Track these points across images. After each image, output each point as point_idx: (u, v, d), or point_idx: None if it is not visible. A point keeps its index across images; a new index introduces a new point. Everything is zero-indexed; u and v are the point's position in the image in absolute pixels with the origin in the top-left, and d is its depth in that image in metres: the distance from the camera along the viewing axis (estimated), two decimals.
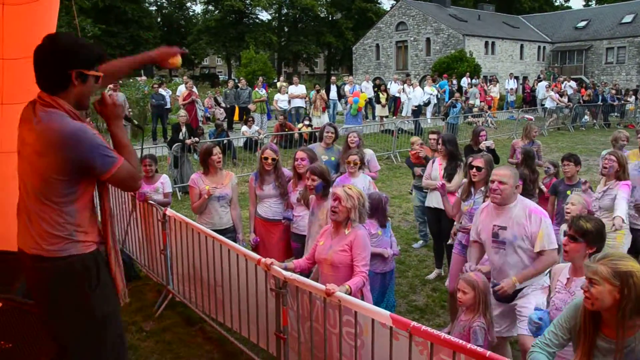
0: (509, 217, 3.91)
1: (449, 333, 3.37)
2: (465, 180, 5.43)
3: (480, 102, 22.61)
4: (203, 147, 5.55)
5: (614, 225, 5.04)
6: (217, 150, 5.46)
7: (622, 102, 25.11)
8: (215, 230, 4.98)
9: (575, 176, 6.05)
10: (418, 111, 20.10)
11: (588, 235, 3.21)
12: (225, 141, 12.95)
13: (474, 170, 5.00)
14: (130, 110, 16.09)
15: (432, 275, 6.69)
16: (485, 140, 7.65)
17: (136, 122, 3.19)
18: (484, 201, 4.88)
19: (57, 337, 2.76)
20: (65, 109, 2.54)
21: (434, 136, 7.46)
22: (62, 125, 2.48)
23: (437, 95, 21.82)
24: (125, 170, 2.65)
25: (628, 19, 42.22)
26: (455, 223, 5.45)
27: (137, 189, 2.92)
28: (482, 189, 5.03)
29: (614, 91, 25.76)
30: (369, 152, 6.97)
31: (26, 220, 2.62)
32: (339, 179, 5.88)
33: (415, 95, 20.47)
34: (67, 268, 2.60)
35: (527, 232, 3.83)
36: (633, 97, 25.85)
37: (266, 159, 5.48)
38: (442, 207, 6.12)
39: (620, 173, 5.44)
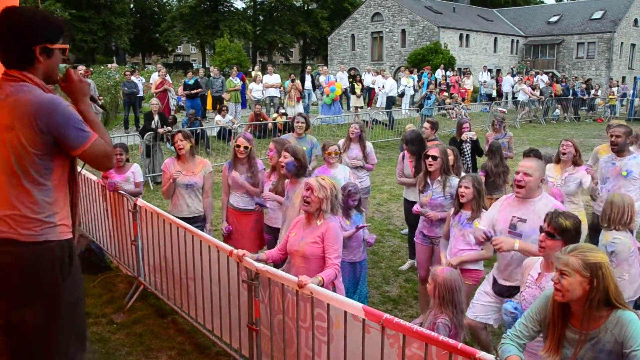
0: (531, 211, 3.84)
1: (421, 325, 3.39)
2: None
3: (453, 94, 22.80)
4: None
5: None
6: (177, 137, 5.38)
7: (592, 96, 25.59)
8: (182, 218, 4.93)
9: None
10: (390, 102, 20.07)
11: (566, 233, 3.16)
12: (198, 130, 12.80)
13: (430, 159, 5.03)
14: (101, 97, 15.77)
15: (405, 266, 6.73)
16: (468, 131, 7.76)
17: (100, 103, 3.09)
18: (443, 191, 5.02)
19: (20, 326, 2.66)
20: (35, 81, 2.48)
21: (428, 125, 7.50)
22: (34, 95, 2.42)
23: (413, 87, 21.86)
24: (99, 146, 2.57)
25: (598, 15, 43.01)
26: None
27: (111, 168, 2.84)
28: (439, 178, 5.07)
29: (584, 85, 26.24)
30: (369, 145, 7.09)
31: None
32: (318, 171, 5.86)
33: (387, 86, 20.37)
34: (44, 253, 2.53)
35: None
36: (598, 91, 26.37)
37: (238, 146, 5.43)
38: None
39: (577, 158, 5.80)
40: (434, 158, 5.01)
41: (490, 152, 7.00)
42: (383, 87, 19.68)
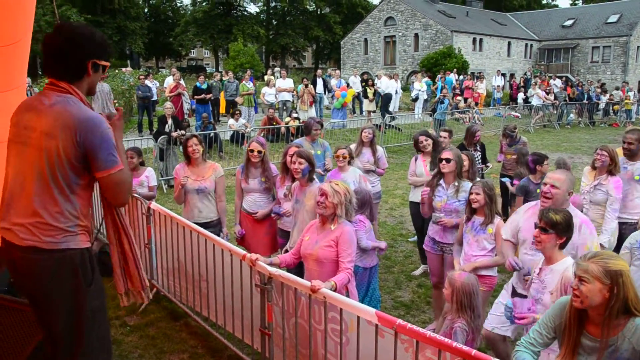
0: None
1: (434, 330, 3.37)
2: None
3: (467, 98, 22.71)
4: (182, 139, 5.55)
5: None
6: (192, 141, 5.39)
7: (607, 101, 25.32)
8: (196, 224, 4.94)
9: None
10: (386, 99, 19.76)
11: (557, 226, 3.30)
12: (211, 134, 12.86)
13: (443, 162, 4.96)
14: (115, 101, 15.90)
15: (417, 271, 6.69)
16: (479, 140, 7.70)
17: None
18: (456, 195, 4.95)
19: (49, 328, 2.71)
20: (80, 96, 2.60)
21: (445, 134, 7.38)
22: (79, 110, 2.53)
23: (425, 91, 21.77)
24: (123, 176, 2.65)
25: (613, 18, 42.60)
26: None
27: (124, 204, 2.86)
28: (455, 183, 5.00)
29: (599, 90, 25.97)
30: (379, 150, 7.09)
31: (22, 210, 2.56)
32: (329, 174, 5.86)
33: (384, 84, 20.17)
34: (65, 261, 2.57)
35: (573, 243, 3.59)
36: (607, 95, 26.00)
37: (252, 151, 5.44)
38: None
39: (612, 167, 5.50)
40: (447, 161, 4.96)
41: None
42: (397, 92, 19.60)
